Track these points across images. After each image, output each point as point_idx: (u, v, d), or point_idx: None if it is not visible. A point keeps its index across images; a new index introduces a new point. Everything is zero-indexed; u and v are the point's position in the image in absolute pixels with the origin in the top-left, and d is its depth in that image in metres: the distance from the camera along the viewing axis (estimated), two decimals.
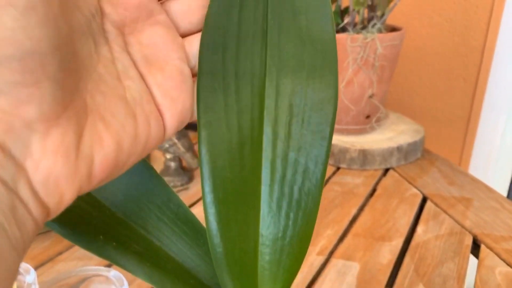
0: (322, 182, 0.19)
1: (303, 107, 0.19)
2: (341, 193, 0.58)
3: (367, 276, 0.43)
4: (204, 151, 0.18)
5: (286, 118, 0.19)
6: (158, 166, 0.62)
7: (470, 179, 0.62)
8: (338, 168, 0.66)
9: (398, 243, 0.48)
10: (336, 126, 0.68)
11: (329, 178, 0.63)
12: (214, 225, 0.18)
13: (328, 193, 0.58)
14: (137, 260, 0.19)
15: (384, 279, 0.42)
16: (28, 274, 0.28)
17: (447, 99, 0.85)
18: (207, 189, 0.18)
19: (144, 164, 0.20)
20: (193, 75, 0.19)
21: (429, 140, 0.87)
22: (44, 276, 0.43)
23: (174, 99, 0.17)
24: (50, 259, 0.45)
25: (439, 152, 0.89)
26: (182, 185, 0.60)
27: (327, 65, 0.19)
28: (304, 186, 0.19)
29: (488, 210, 0.54)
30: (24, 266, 0.29)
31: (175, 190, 0.59)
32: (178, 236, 0.20)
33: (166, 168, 0.61)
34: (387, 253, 0.46)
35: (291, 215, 0.19)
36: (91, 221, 0.19)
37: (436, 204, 0.55)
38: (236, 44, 0.19)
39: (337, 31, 0.66)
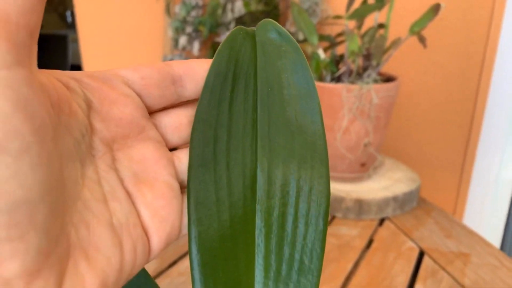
0: (318, 278, 0.18)
1: (296, 199, 0.18)
2: (338, 246, 0.57)
3: None
4: (195, 251, 0.17)
5: (278, 210, 0.18)
6: None
7: (467, 232, 0.61)
8: (334, 217, 0.64)
9: None
10: (331, 174, 0.68)
11: None
12: None
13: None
14: None
15: None
16: None
17: (441, 145, 0.85)
18: None
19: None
20: (182, 191, 0.18)
21: (424, 185, 0.86)
22: None
23: (163, 220, 0.16)
24: None
25: (434, 197, 0.88)
26: None
27: (317, 156, 0.19)
28: (300, 284, 0.18)
29: (487, 267, 0.52)
30: None
31: None
32: None
33: None
34: None
35: None
36: None
37: (433, 260, 0.54)
38: (227, 136, 0.19)
39: (333, 80, 0.66)
